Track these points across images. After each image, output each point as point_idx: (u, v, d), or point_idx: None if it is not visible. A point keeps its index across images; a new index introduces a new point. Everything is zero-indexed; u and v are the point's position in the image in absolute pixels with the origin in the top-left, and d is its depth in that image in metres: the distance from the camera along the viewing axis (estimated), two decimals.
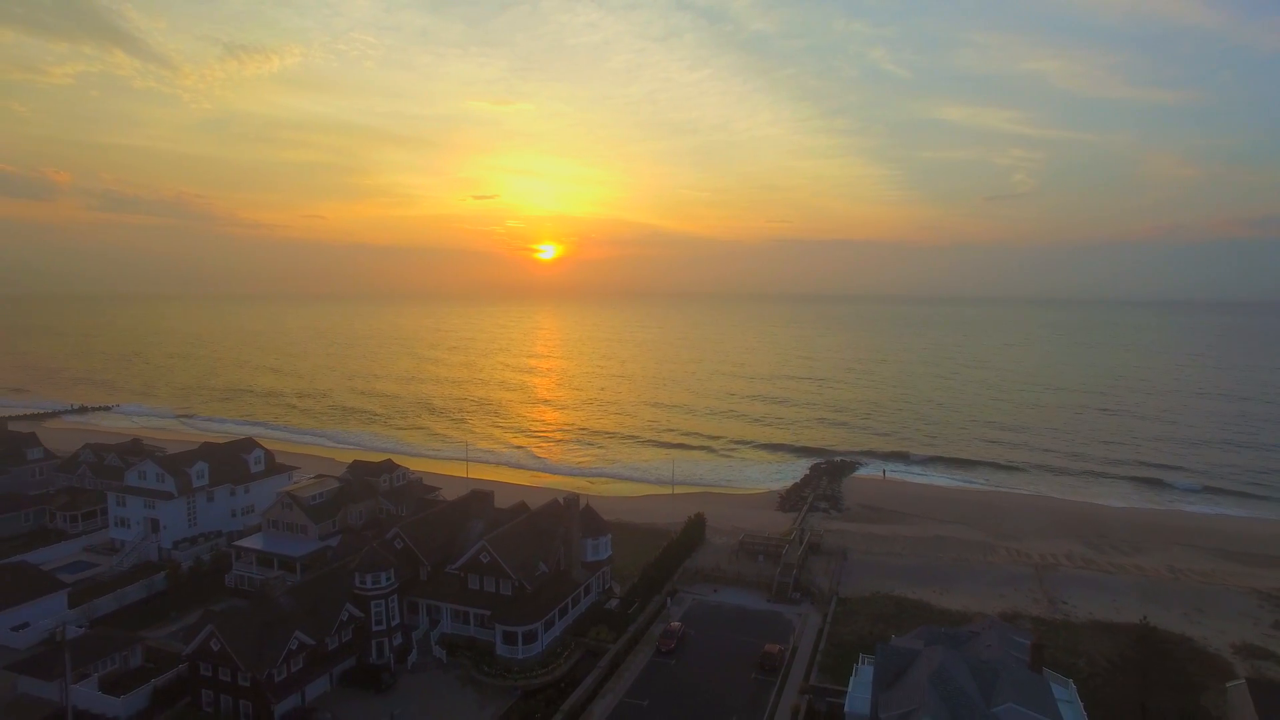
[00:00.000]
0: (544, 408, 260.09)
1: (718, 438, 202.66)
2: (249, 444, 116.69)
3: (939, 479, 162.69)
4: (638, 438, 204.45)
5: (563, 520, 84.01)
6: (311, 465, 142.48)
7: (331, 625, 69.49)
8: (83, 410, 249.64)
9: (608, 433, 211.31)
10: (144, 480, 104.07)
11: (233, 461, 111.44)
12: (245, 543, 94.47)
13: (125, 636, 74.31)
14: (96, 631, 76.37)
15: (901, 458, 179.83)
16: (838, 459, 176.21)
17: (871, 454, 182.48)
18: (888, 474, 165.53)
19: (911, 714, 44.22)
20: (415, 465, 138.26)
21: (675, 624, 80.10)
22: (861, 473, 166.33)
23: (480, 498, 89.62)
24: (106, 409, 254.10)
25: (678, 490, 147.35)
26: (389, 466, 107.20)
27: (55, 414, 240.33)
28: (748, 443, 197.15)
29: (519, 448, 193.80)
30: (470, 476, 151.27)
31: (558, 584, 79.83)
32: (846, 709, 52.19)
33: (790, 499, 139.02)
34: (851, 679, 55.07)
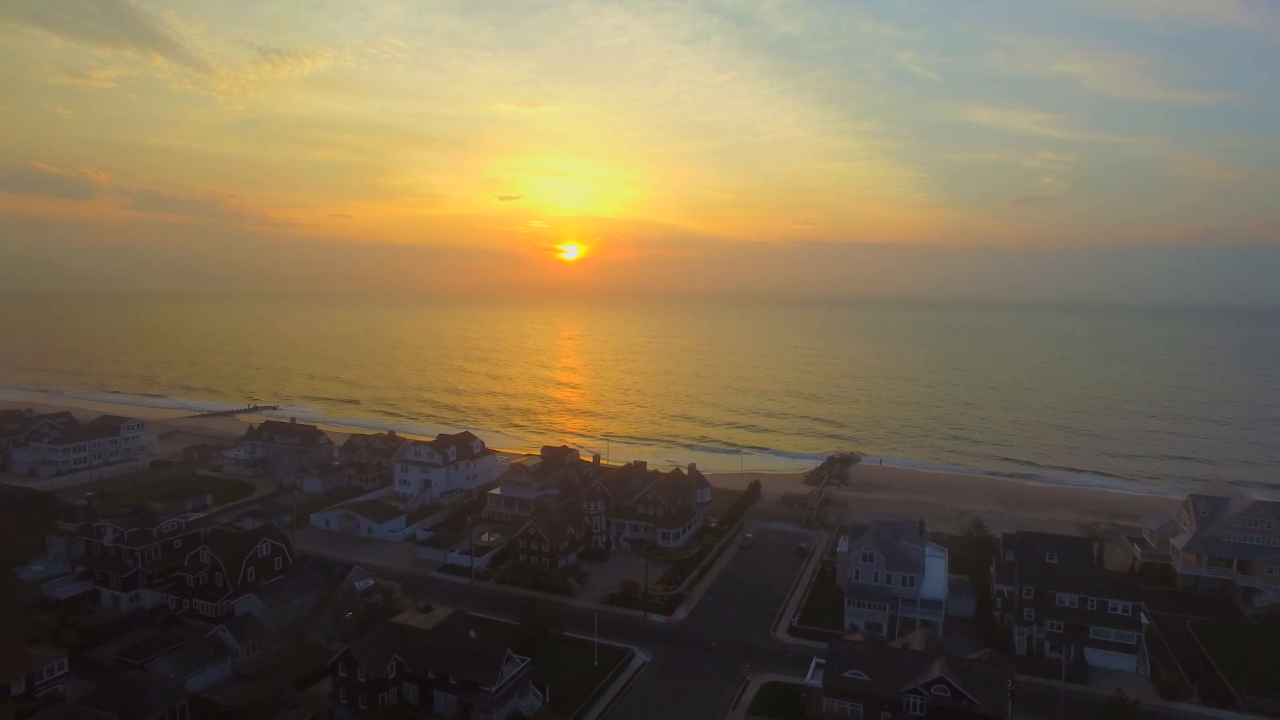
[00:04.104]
0: (591, 417, 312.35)
1: (748, 444, 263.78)
2: (470, 435, 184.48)
3: (920, 467, 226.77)
4: (676, 440, 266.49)
5: (686, 478, 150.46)
6: None
7: (579, 526, 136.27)
8: (255, 409, 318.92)
9: (661, 437, 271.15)
10: (419, 456, 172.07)
11: (465, 445, 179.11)
12: (494, 491, 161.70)
13: (458, 536, 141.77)
14: (442, 533, 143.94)
15: (894, 454, 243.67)
16: (847, 453, 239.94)
17: (873, 451, 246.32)
18: (883, 463, 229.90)
19: (862, 545, 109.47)
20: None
21: (749, 536, 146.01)
22: (864, 462, 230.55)
23: (638, 465, 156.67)
24: (273, 408, 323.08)
25: (741, 470, 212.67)
26: (566, 450, 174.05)
27: (230, 413, 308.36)
28: (774, 448, 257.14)
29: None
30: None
31: (685, 512, 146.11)
32: (837, 551, 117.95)
33: (813, 477, 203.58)
34: (838, 541, 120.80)
